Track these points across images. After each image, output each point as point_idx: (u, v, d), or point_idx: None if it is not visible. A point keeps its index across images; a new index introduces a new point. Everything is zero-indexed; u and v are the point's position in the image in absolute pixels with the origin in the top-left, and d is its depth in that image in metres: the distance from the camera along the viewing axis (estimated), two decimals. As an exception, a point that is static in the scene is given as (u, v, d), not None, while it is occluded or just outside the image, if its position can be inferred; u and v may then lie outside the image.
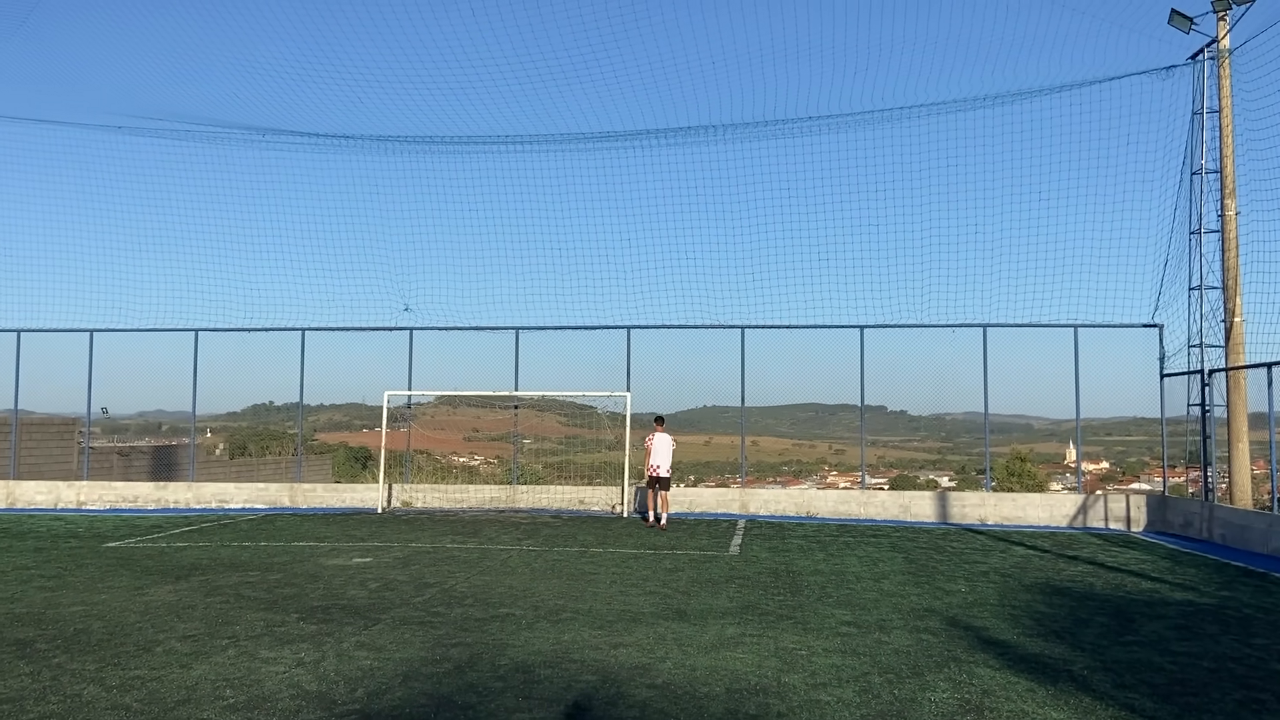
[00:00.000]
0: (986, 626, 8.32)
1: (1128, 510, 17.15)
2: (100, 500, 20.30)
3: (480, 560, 12.15)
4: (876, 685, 6.36)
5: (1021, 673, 6.74)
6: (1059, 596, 9.96)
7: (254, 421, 42.59)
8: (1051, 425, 34.69)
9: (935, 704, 5.94)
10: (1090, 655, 7.30)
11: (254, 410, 40.78)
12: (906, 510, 18.08)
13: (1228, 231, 16.72)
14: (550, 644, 7.45)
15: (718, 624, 8.27)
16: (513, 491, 19.92)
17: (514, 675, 6.51)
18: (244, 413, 41.92)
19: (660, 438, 16.72)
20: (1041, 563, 12.45)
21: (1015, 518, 17.56)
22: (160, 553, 12.79)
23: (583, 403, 20.99)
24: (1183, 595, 10.17)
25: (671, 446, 16.76)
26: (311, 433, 41.87)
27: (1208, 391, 16.29)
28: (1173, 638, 8.00)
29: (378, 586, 10.07)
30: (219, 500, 20.15)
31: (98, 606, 8.92)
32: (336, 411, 41.43)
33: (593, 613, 8.74)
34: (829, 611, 8.92)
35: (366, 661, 6.85)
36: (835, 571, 11.45)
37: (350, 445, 41.55)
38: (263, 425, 42.38)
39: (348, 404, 37.75)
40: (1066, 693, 6.24)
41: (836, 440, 38.08)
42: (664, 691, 6.13)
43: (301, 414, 21.53)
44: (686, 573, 11.25)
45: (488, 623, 8.24)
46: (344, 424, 42.72)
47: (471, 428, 31.03)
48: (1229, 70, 17.05)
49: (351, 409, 39.98)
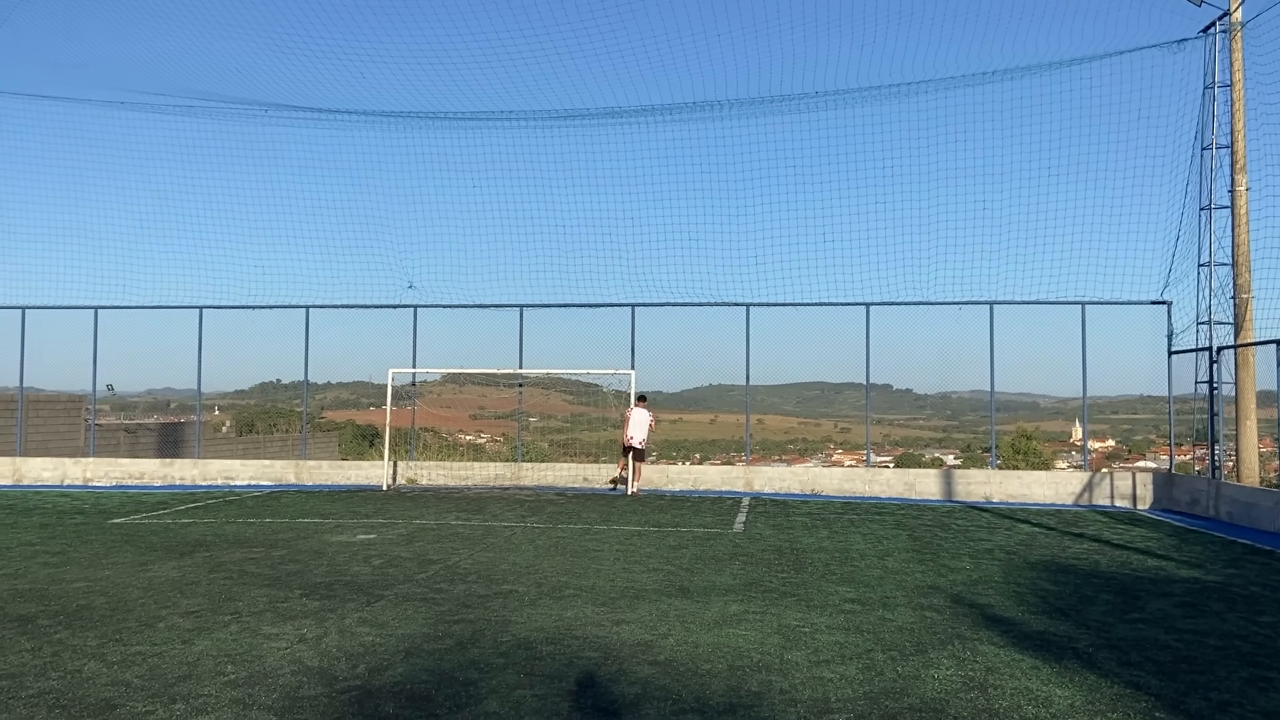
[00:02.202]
0: (991, 604, 8.28)
1: (1134, 488, 17.09)
2: (106, 477, 20.36)
3: (484, 537, 12.15)
4: (880, 662, 6.32)
5: (1025, 650, 6.70)
6: (1064, 574, 9.92)
7: (261, 399, 42.61)
8: (1058, 403, 34.60)
9: (939, 681, 5.91)
10: (1095, 633, 7.26)
11: (261, 388, 40.79)
12: (911, 488, 18.04)
13: (1238, 207, 16.53)
14: (553, 621, 7.44)
15: (721, 601, 8.25)
16: (517, 469, 19.93)
17: (516, 652, 6.49)
18: (251, 390, 41.97)
19: (637, 412, 17.94)
20: (1047, 540, 12.40)
21: (1021, 495, 17.51)
22: (165, 529, 12.82)
23: (589, 381, 20.96)
24: (1189, 573, 10.12)
25: (648, 421, 18.08)
26: (319, 410, 41.91)
27: (1216, 369, 16.17)
28: (1178, 615, 7.96)
29: (381, 563, 10.07)
30: (224, 477, 20.19)
31: (101, 582, 8.93)
32: (344, 390, 41.44)
33: (596, 590, 8.72)
34: (833, 589, 8.89)
35: (368, 638, 6.84)
36: (839, 549, 11.42)
37: (358, 423, 41.58)
38: (270, 403, 42.39)
39: (355, 382, 37.79)
40: (1071, 670, 6.20)
41: (842, 419, 38.00)
42: (666, 668, 6.11)
43: (306, 392, 21.54)
44: (690, 550, 11.23)
45: (490, 599, 8.23)
46: (351, 402, 42.74)
47: (478, 406, 31.07)
48: (1241, 44, 16.80)
49: (359, 387, 39.99)
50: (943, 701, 5.49)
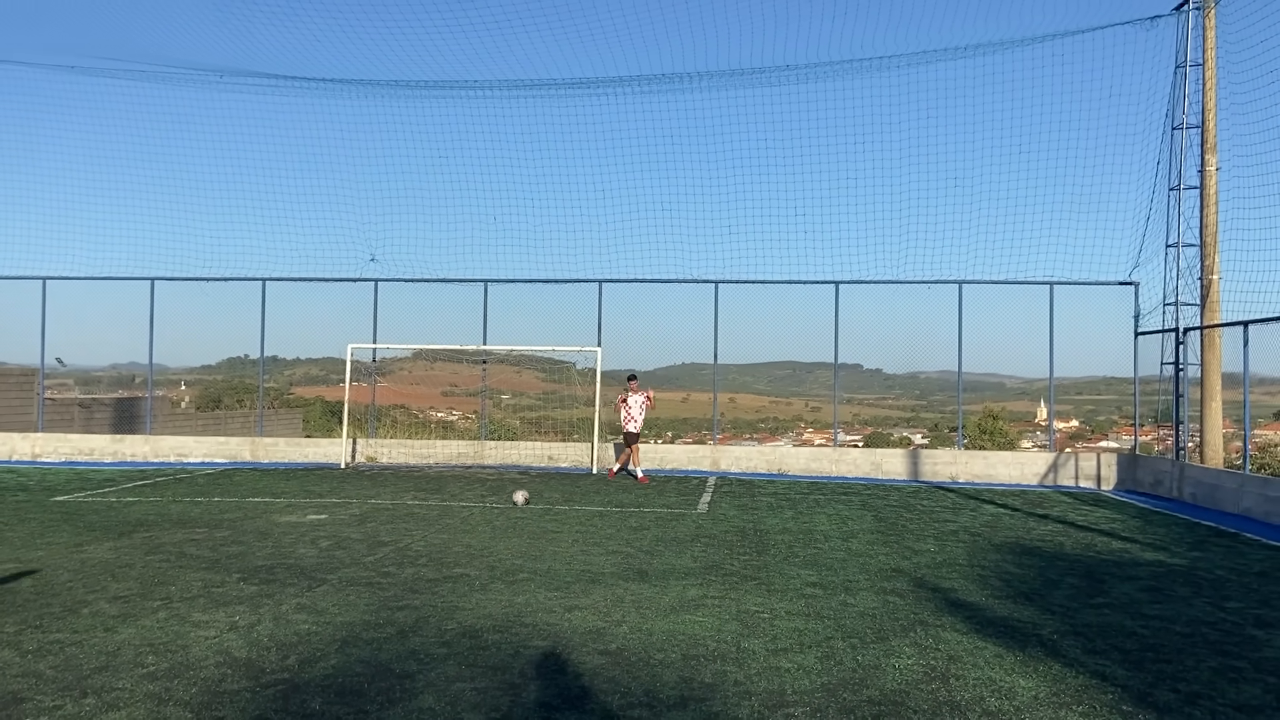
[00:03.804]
0: (954, 588, 8.09)
1: (1098, 468, 17.06)
2: (55, 453, 19.74)
3: (440, 518, 11.80)
4: (839, 650, 6.08)
5: (989, 637, 6.49)
6: (1028, 556, 9.77)
7: (229, 375, 41.77)
8: (1023, 384, 34.81)
9: (899, 671, 5.67)
10: (1060, 618, 7.07)
11: (229, 364, 39.97)
12: (878, 468, 17.90)
13: (1207, 188, 16.44)
14: (502, 607, 7.13)
15: (679, 585, 7.98)
16: (481, 447, 19.55)
17: (460, 641, 6.17)
18: (219, 366, 41.17)
19: (633, 395, 17.03)
20: (1012, 521, 12.28)
21: (986, 475, 17.43)
22: (108, 507, 12.34)
23: (560, 359, 20.59)
24: (1153, 555, 10.01)
25: (645, 401, 17.03)
26: (288, 386, 41.25)
27: (1182, 350, 16.12)
28: (1144, 600, 7.80)
29: (329, 545, 9.70)
30: (177, 454, 19.64)
31: (31, 564, 8.49)
32: (313, 365, 40.75)
33: (551, 573, 8.42)
34: (794, 572, 8.66)
35: (304, 625, 6.49)
36: (803, 530, 11.21)
37: (326, 400, 40.91)
38: (238, 378, 41.54)
39: (324, 358, 37.17)
40: (1035, 658, 6.00)
41: (814, 398, 38.01)
42: (616, 658, 5.82)
43: (262, 367, 20.98)
44: (652, 531, 10.96)
45: (439, 584, 7.90)
46: (320, 378, 42.04)
47: (449, 383, 30.75)
48: (1214, 21, 16.64)
49: (328, 363, 39.31)
50: (903, 694, 5.26)
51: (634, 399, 16.93)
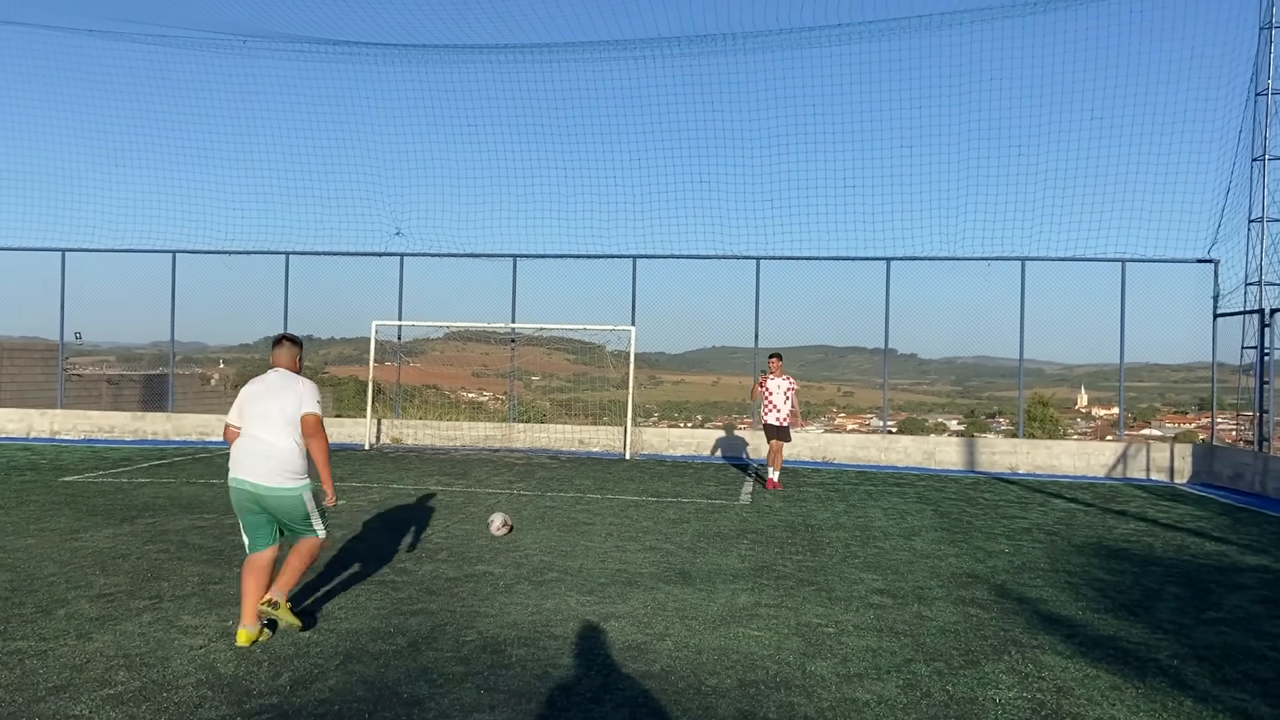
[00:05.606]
0: (1043, 598, 7.10)
1: (1171, 460, 15.87)
2: (75, 430, 19.23)
3: (464, 505, 10.98)
4: (924, 678, 5.15)
5: (1099, 662, 5.52)
6: (1117, 560, 8.74)
7: (265, 353, 41.52)
8: (1063, 370, 33.62)
9: (1001, 707, 4.73)
10: (1174, 638, 6.08)
11: (266, 343, 39.65)
12: (931, 457, 16.84)
13: (1297, 158, 15.13)
14: (529, 613, 6.26)
15: (728, 590, 7.07)
16: (509, 430, 18.75)
17: (479, 657, 5.32)
18: (257, 344, 41.04)
19: (775, 379, 13.53)
20: (1088, 518, 11.22)
21: (1049, 467, 16.31)
22: (117, 489, 11.66)
23: (591, 339, 19.71)
24: (1255, 559, 8.93)
25: (790, 388, 13.46)
26: (322, 366, 40.96)
27: (1268, 332, 14.87)
28: (1261, 615, 6.78)
29: (342, 535, 8.89)
30: (199, 432, 19.05)
31: (17, 554, 7.77)
32: (347, 345, 40.36)
33: (583, 573, 7.55)
34: (856, 576, 7.71)
35: (304, 633, 5.67)
36: (859, 526, 10.24)
37: (360, 379, 40.52)
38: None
39: (358, 338, 36.81)
40: (1160, 691, 5.02)
41: (846, 382, 37.10)
42: (662, 683, 4.93)
43: (287, 343, 20.26)
44: (692, 524, 10.06)
45: (460, 583, 7.05)
46: (354, 357, 41.61)
47: (480, 363, 30.26)
48: (1306, -23, 15.28)
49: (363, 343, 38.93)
50: (1013, 740, 4.31)
51: (774, 383, 13.43)
